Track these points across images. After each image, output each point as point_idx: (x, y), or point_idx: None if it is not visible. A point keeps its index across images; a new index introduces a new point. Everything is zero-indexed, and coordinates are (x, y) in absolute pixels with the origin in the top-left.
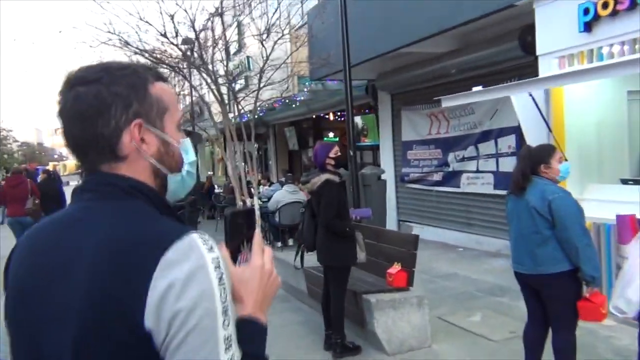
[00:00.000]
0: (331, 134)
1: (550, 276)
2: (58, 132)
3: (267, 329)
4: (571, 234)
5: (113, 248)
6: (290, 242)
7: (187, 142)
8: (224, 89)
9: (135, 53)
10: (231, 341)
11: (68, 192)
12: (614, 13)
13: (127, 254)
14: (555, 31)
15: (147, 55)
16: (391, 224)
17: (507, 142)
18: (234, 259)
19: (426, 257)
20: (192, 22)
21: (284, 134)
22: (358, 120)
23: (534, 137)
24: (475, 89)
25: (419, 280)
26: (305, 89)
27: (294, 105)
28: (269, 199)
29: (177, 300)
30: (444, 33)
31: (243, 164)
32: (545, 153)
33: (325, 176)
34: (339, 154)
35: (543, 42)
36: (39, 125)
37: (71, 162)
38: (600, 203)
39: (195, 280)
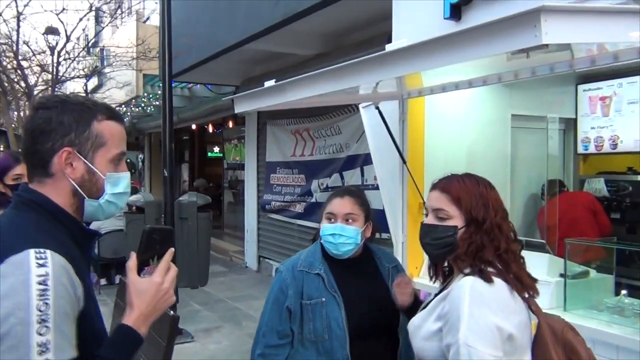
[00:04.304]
0: (216, 149)
1: None
2: None
3: (143, 340)
4: None
5: None
6: (118, 279)
7: (118, 177)
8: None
9: None
10: (47, 347)
11: None
12: None
13: None
14: (414, 18)
15: None
16: (251, 260)
17: (374, 172)
18: (141, 269)
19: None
20: None
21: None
22: None
23: (386, 169)
24: (267, 83)
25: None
26: (159, 92)
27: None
28: None
29: None
30: (290, 24)
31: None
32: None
33: None
34: (22, 180)
35: (399, 33)
36: None
37: None
38: None
39: (13, 293)
